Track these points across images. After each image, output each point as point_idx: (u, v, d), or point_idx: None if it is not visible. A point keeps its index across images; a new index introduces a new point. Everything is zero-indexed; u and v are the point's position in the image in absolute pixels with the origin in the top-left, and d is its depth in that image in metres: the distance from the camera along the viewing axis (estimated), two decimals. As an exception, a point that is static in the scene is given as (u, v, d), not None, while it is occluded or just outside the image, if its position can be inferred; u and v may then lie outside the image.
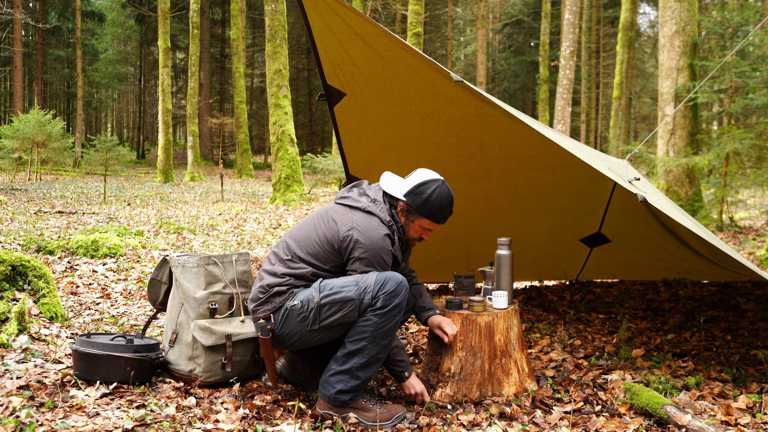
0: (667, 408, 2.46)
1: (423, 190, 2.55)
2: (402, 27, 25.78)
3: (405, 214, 2.61)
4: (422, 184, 2.56)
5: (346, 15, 3.04)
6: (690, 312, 4.32)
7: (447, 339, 2.71)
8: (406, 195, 2.58)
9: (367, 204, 2.57)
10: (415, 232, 2.64)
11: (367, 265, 2.50)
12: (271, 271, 2.58)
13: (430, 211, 2.57)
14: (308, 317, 2.48)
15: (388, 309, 2.44)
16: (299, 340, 2.54)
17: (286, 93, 12.63)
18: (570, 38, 14.44)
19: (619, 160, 3.95)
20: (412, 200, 2.56)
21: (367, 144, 3.93)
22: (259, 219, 9.83)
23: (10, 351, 2.97)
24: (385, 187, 2.64)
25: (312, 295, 2.47)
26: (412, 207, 2.57)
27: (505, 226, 4.40)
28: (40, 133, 15.66)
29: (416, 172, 2.64)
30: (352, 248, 2.50)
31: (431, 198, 2.55)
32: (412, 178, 2.62)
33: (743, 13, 9.30)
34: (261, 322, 2.54)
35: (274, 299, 2.54)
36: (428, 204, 2.55)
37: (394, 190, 2.62)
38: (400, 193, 2.60)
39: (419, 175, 2.61)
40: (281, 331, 2.54)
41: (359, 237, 2.49)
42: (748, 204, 10.26)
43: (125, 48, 36.71)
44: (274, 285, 2.54)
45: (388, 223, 2.55)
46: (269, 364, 2.60)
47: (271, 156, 16.01)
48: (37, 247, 5.64)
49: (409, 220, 2.62)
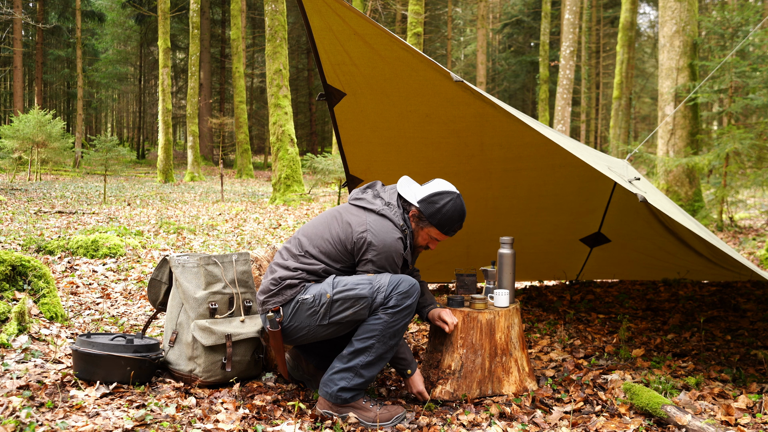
0: (667, 408, 2.46)
1: (437, 200, 2.58)
2: (402, 27, 25.78)
3: (416, 220, 2.64)
4: (437, 194, 2.59)
5: (346, 15, 3.04)
6: (690, 312, 4.32)
7: (447, 329, 2.72)
8: (420, 202, 2.60)
9: (381, 207, 2.59)
10: (422, 239, 2.68)
11: (378, 267, 2.53)
12: (284, 264, 2.59)
13: (441, 222, 2.59)
14: (319, 312, 2.49)
15: (400, 309, 2.45)
16: (306, 334, 2.56)
17: (286, 93, 12.63)
18: (570, 38, 14.44)
19: (619, 160, 3.95)
20: (424, 208, 2.59)
21: (367, 144, 3.93)
22: (259, 219, 9.83)
23: (10, 351, 2.97)
24: (401, 191, 2.66)
25: (325, 290, 2.49)
26: (423, 215, 2.60)
27: (505, 226, 4.41)
28: (40, 133, 15.66)
29: (434, 182, 2.66)
30: (365, 250, 2.52)
31: (444, 209, 2.57)
32: (428, 187, 2.64)
33: (743, 13, 9.30)
34: (270, 314, 2.54)
35: (285, 291, 2.55)
36: (440, 214, 2.57)
37: (409, 195, 2.65)
38: (415, 199, 2.63)
39: (436, 185, 2.63)
40: (289, 324, 2.55)
41: (373, 239, 2.50)
42: (748, 204, 10.26)
43: (125, 48, 36.70)
44: (286, 278, 2.56)
45: (401, 227, 2.58)
46: (279, 356, 2.61)
47: (271, 156, 16.01)
48: (37, 247, 5.64)
49: (419, 227, 2.64)
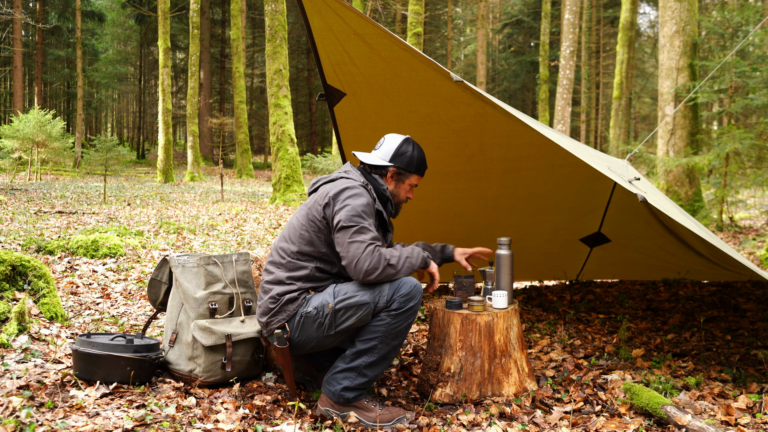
0: (667, 408, 2.46)
1: (405, 150, 2.69)
2: (402, 27, 25.77)
3: (396, 177, 2.72)
4: (400, 146, 2.70)
5: (346, 15, 3.04)
6: (690, 312, 4.32)
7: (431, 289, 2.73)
8: (393, 159, 2.69)
9: (337, 175, 2.65)
10: (404, 192, 2.76)
11: (349, 219, 2.41)
12: (275, 279, 2.55)
13: (418, 166, 2.72)
14: (324, 323, 2.47)
15: (402, 311, 2.44)
16: (316, 345, 2.54)
17: (286, 93, 12.63)
18: (570, 38, 14.44)
19: (619, 160, 3.95)
20: (400, 162, 2.69)
21: (367, 144, 3.92)
22: (259, 219, 9.83)
23: (10, 351, 2.97)
24: (368, 161, 2.71)
25: (326, 301, 2.46)
26: (402, 168, 2.69)
27: (505, 226, 4.40)
28: (40, 133, 15.66)
29: (386, 139, 2.74)
30: (333, 209, 2.48)
31: (413, 155, 2.71)
32: (386, 145, 2.72)
33: (743, 13, 9.31)
34: (277, 332, 2.48)
35: (287, 307, 2.51)
36: (414, 161, 2.70)
37: (376, 160, 2.70)
38: (385, 161, 2.69)
39: (391, 141, 2.72)
40: (298, 339, 2.52)
41: (333, 191, 2.51)
42: (748, 204, 10.27)
43: (125, 48, 36.70)
44: (284, 293, 2.51)
45: (363, 182, 2.59)
46: (288, 373, 2.59)
47: (271, 156, 16.01)
48: (37, 247, 5.64)
49: (400, 182, 2.73)
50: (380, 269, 2.39)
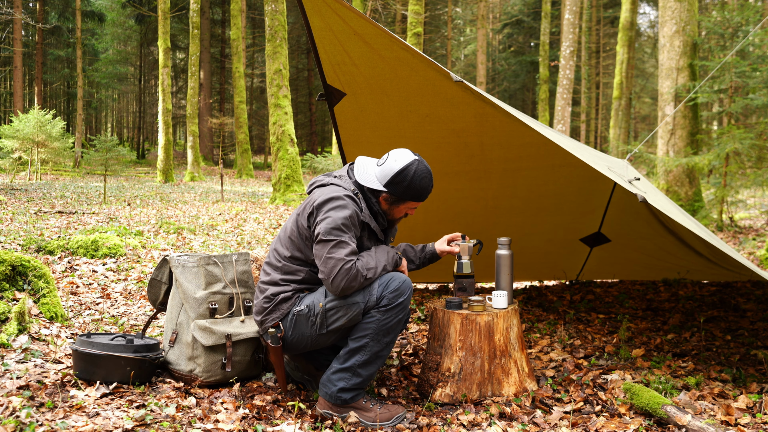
0: (667, 408, 2.46)
1: (403, 178, 2.50)
2: (402, 27, 25.77)
3: (388, 201, 2.59)
4: (402, 171, 2.50)
5: (346, 15, 3.04)
6: (690, 312, 4.32)
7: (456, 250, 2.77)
8: (388, 185, 2.53)
9: (329, 180, 2.59)
10: (399, 213, 2.64)
11: (328, 232, 2.38)
12: (271, 281, 2.59)
13: (414, 195, 2.55)
14: (316, 322, 2.49)
15: (392, 306, 2.44)
16: (310, 344, 2.56)
17: (286, 93, 12.63)
18: (570, 38, 14.44)
19: (619, 160, 3.95)
20: (393, 190, 2.53)
21: (367, 144, 3.93)
22: (259, 219, 9.83)
23: (10, 351, 2.97)
24: (362, 180, 2.57)
25: (318, 300, 2.49)
26: (395, 196, 2.55)
27: (505, 226, 4.40)
28: (40, 133, 15.66)
29: (389, 157, 2.55)
30: (315, 217, 2.46)
31: (413, 182, 2.51)
32: (387, 165, 2.53)
33: (743, 13, 9.31)
34: (271, 330, 2.53)
35: (281, 306, 2.55)
36: (411, 188, 2.52)
37: (371, 181, 2.55)
38: (380, 184, 2.54)
39: (394, 161, 2.52)
40: (291, 337, 2.55)
41: (318, 200, 2.47)
42: (748, 204, 10.27)
43: (125, 48, 36.69)
44: (278, 293, 2.55)
45: (353, 191, 2.52)
46: (279, 371, 2.61)
47: (271, 156, 16.01)
48: (37, 247, 5.64)
49: (394, 205, 2.60)
50: (356, 285, 2.40)
